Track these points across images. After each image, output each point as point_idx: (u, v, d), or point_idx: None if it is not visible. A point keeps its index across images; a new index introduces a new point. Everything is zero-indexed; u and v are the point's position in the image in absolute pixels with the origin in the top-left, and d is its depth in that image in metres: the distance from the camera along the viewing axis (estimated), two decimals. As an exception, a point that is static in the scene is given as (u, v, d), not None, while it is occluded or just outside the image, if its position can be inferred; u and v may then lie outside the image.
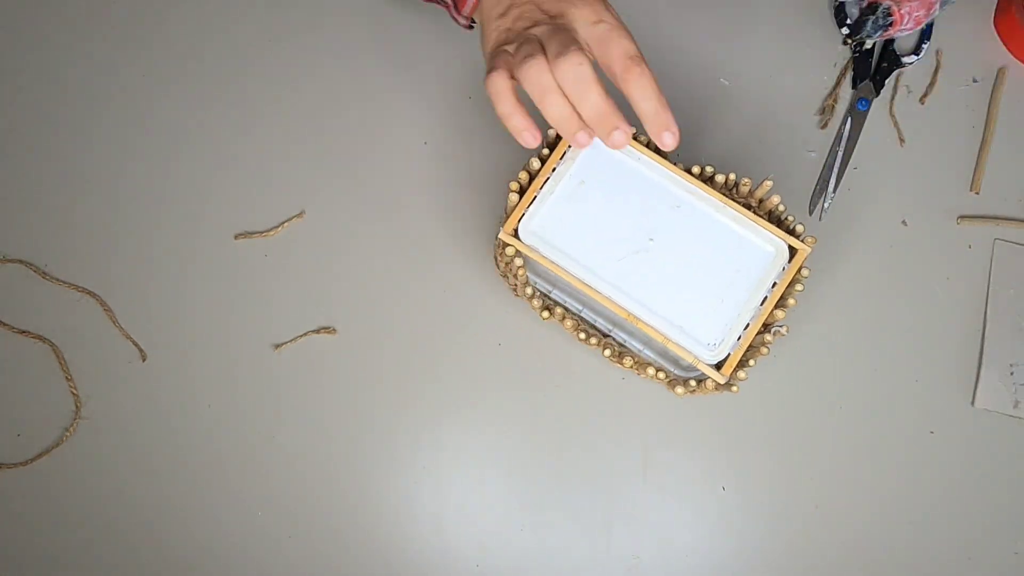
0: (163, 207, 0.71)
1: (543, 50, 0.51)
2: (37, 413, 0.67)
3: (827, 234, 0.70)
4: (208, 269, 0.69)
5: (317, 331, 0.68)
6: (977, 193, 0.72)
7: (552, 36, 0.51)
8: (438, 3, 0.63)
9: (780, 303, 0.58)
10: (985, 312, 0.69)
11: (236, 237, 0.70)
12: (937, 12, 0.50)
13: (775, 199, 0.60)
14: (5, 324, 0.68)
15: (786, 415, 0.68)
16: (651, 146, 0.61)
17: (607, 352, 0.60)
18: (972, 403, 0.68)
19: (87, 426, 0.66)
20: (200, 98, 0.73)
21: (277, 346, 0.68)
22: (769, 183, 0.60)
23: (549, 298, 0.64)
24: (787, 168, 0.72)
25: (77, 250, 0.69)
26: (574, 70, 0.50)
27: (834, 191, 0.71)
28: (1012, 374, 0.68)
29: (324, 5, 0.75)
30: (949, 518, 0.66)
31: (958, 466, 0.67)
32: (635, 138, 0.61)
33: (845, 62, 0.75)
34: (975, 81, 0.75)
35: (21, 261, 0.69)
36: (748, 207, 0.61)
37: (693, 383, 0.59)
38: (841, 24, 0.75)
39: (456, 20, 0.62)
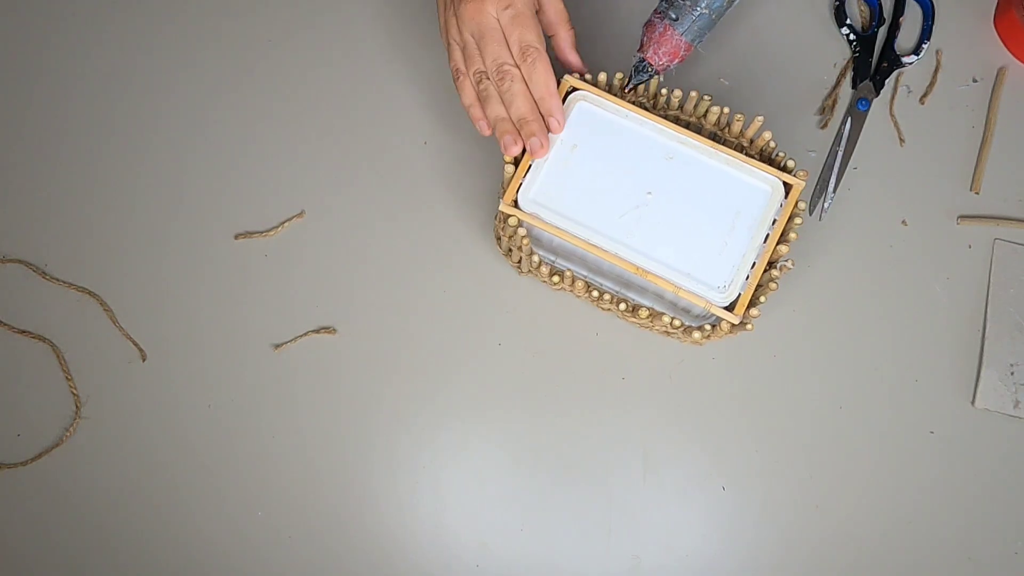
0: (163, 207, 0.71)
1: (483, 63, 0.60)
2: (37, 413, 0.67)
3: (827, 234, 0.70)
4: (208, 269, 0.69)
5: (317, 331, 0.68)
6: (977, 193, 0.72)
7: (487, 46, 0.60)
8: None
9: (782, 239, 0.60)
10: (985, 312, 0.69)
11: (236, 237, 0.70)
12: (684, 54, 0.62)
13: (767, 135, 0.62)
14: (5, 324, 0.68)
15: (786, 415, 0.68)
16: (637, 102, 0.63)
17: (621, 307, 0.61)
18: (972, 403, 0.68)
19: (87, 426, 0.66)
20: (200, 98, 0.73)
21: (277, 346, 0.68)
22: (760, 119, 0.61)
23: (555, 267, 0.64)
24: (787, 168, 0.72)
25: (77, 250, 0.69)
26: (510, 88, 0.60)
27: (834, 191, 0.71)
28: (1012, 374, 0.68)
29: (323, 5, 0.75)
30: (949, 518, 0.66)
31: (958, 466, 0.67)
32: (619, 95, 0.62)
33: (845, 62, 0.75)
34: (975, 81, 0.75)
35: (21, 261, 0.69)
36: (739, 148, 0.63)
37: (708, 327, 0.60)
38: (841, 24, 0.75)
39: None
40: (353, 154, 0.72)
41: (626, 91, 0.62)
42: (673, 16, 0.59)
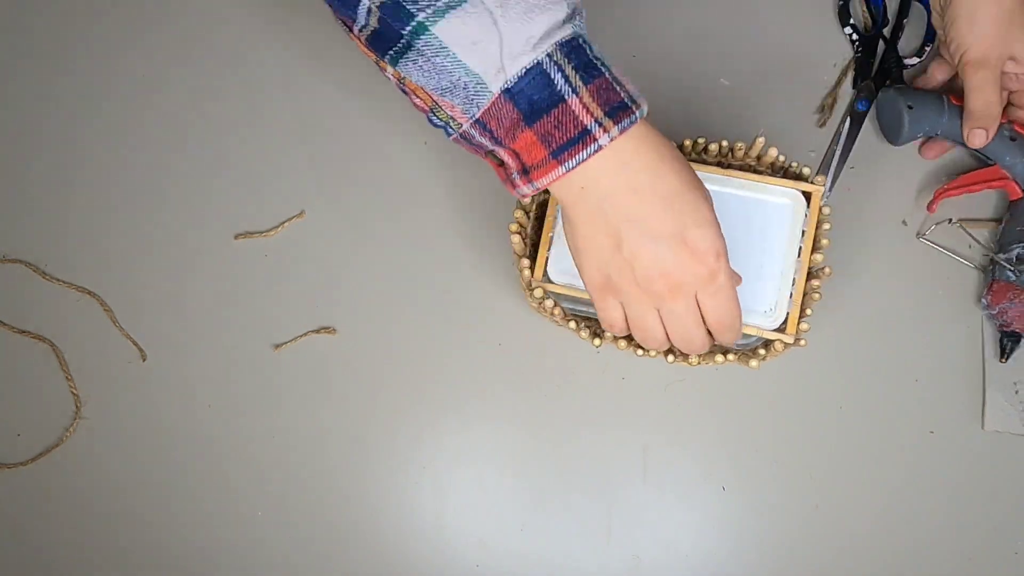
0: (163, 207, 0.71)
1: (661, 321, 0.51)
2: (37, 413, 0.67)
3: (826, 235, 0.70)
4: (208, 269, 0.69)
5: (317, 331, 0.68)
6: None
7: (675, 323, 0.51)
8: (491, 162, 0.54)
9: (815, 247, 0.59)
10: (983, 321, 0.69)
11: (236, 237, 0.70)
12: None
13: (773, 152, 0.61)
14: (5, 324, 0.68)
15: (786, 416, 0.68)
16: None
17: (670, 358, 0.60)
18: (982, 426, 0.67)
19: (87, 426, 0.66)
20: (200, 98, 0.73)
21: (277, 346, 0.68)
22: (761, 139, 0.60)
23: (590, 319, 0.64)
24: (787, 168, 0.72)
25: (77, 250, 0.70)
26: (691, 347, 0.53)
27: (830, 190, 0.71)
28: (1016, 392, 0.67)
29: (324, 5, 0.75)
30: (949, 518, 0.66)
31: (957, 466, 0.67)
32: None
33: (846, 62, 0.74)
34: (976, 81, 0.74)
35: (21, 261, 0.69)
36: (749, 168, 0.61)
37: (763, 351, 0.59)
38: (844, 24, 0.75)
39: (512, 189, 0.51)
40: (353, 154, 0.72)
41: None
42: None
